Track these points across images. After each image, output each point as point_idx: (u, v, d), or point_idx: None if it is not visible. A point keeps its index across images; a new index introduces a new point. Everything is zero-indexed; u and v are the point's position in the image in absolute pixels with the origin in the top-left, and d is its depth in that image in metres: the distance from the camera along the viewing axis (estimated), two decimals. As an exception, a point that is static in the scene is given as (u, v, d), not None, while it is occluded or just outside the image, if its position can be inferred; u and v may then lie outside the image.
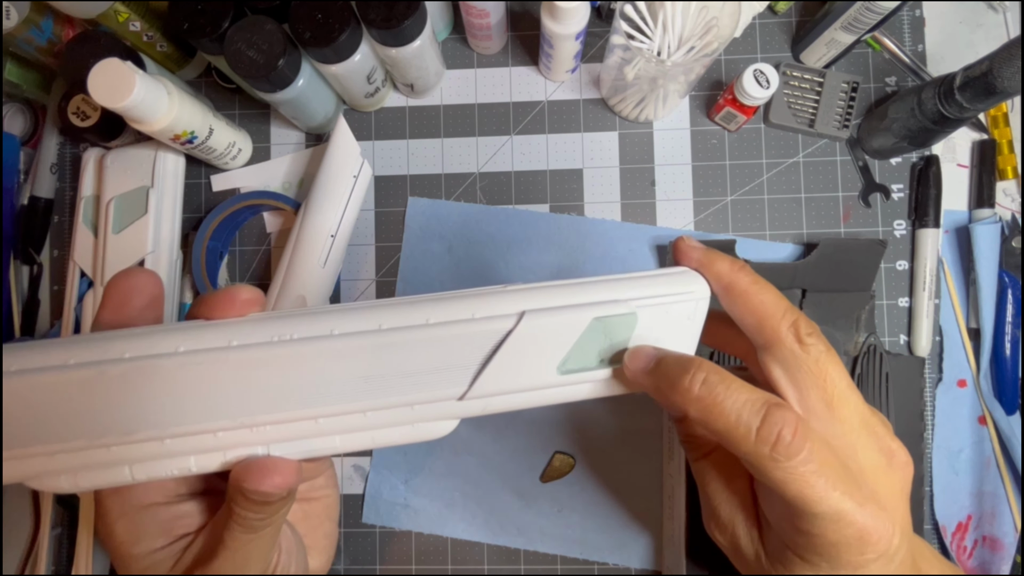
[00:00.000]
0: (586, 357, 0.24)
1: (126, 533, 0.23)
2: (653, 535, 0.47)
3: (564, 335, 0.24)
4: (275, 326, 0.22)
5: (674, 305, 0.25)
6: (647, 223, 0.50)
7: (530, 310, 0.24)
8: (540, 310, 0.24)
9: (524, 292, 0.24)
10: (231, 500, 0.22)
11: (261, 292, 0.24)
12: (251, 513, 0.22)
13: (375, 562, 0.48)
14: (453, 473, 0.49)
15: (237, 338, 0.22)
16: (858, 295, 0.46)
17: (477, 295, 0.24)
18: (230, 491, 0.23)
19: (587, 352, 0.24)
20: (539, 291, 0.24)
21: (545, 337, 0.24)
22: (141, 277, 0.24)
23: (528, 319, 0.23)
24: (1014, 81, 0.36)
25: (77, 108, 0.47)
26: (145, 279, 0.24)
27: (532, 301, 0.24)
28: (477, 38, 0.49)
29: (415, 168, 0.51)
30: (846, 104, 0.48)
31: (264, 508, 0.22)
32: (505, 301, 0.24)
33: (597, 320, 0.24)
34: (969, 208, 0.49)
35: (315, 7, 0.40)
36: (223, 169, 0.52)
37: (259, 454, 0.23)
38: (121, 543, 0.23)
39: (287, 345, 0.22)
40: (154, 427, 0.21)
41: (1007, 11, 0.51)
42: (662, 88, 0.44)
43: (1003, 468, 0.47)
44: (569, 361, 0.24)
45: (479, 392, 0.23)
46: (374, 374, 0.23)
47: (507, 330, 0.23)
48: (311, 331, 0.22)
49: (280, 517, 0.24)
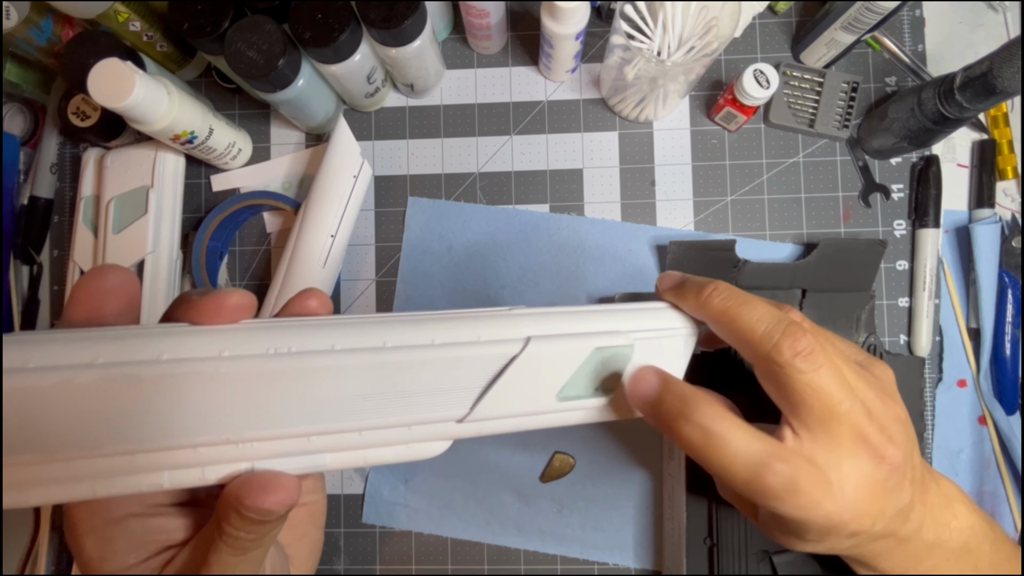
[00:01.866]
0: (584, 385, 0.25)
1: (95, 548, 0.21)
2: (653, 535, 0.47)
3: (567, 362, 0.24)
4: (272, 337, 0.21)
5: (667, 339, 0.27)
6: (647, 223, 0.50)
7: (536, 336, 0.24)
8: (545, 336, 0.24)
9: (529, 317, 0.24)
10: (222, 518, 0.21)
11: (253, 297, 0.21)
12: (243, 533, 0.21)
13: (375, 562, 0.48)
14: (453, 473, 0.49)
15: (229, 348, 0.20)
16: (858, 295, 0.46)
17: (483, 316, 0.24)
18: (221, 508, 0.21)
19: (585, 380, 0.25)
20: (544, 317, 0.24)
21: (549, 364, 0.24)
22: (118, 275, 0.21)
23: (534, 345, 0.24)
24: (1014, 81, 0.36)
25: (77, 108, 0.47)
26: (123, 278, 0.21)
27: (538, 327, 0.24)
28: (477, 38, 0.49)
29: (415, 168, 0.51)
30: (846, 104, 0.48)
31: (258, 528, 0.21)
32: (511, 325, 0.24)
33: (598, 350, 0.25)
34: (969, 208, 0.49)
35: (315, 7, 0.40)
36: (223, 169, 0.52)
37: (242, 469, 0.21)
38: (90, 559, 0.21)
39: (284, 359, 0.20)
40: (123, 441, 0.19)
41: (1007, 11, 0.51)
42: (662, 88, 0.44)
43: (1003, 468, 0.47)
44: (568, 388, 0.25)
45: (480, 415, 0.23)
46: (374, 393, 0.22)
47: (512, 355, 0.23)
48: (311, 345, 0.21)
49: (271, 539, 0.22)
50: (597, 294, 0.49)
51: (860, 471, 0.24)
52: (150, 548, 0.22)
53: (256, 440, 0.20)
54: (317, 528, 0.29)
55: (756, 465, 0.23)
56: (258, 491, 0.20)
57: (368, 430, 0.22)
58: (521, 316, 0.24)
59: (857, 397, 0.25)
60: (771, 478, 0.23)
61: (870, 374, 0.27)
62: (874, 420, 0.25)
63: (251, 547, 0.21)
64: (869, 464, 0.24)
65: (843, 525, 0.24)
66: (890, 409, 0.26)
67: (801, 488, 0.23)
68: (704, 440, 0.24)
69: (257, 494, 0.20)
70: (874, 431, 0.24)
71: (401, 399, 0.22)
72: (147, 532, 0.22)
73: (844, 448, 0.24)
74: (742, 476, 0.24)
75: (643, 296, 0.47)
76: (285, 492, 0.20)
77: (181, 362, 0.19)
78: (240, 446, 0.20)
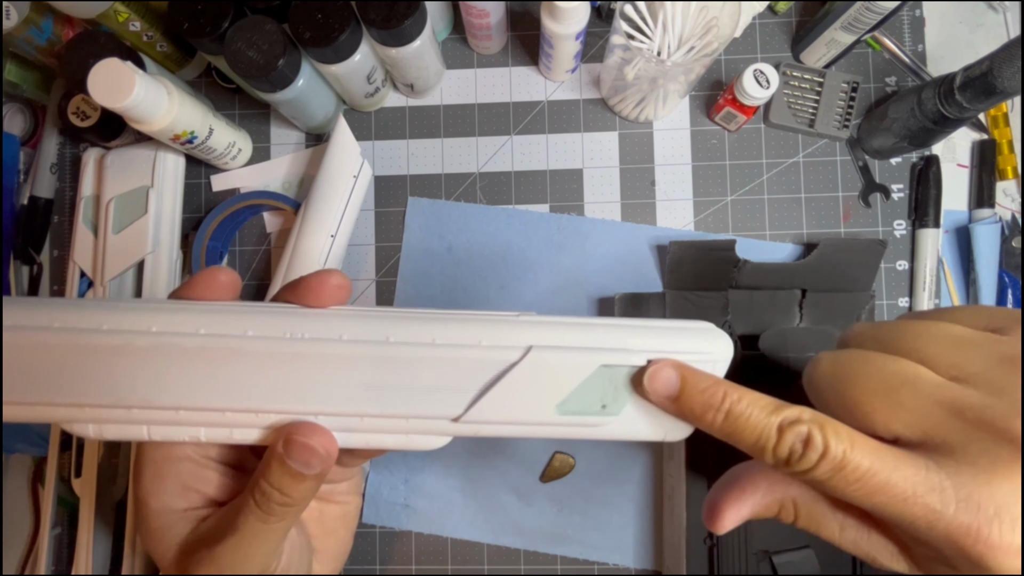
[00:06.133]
0: (588, 401, 0.24)
1: (151, 483, 0.24)
2: (653, 535, 0.47)
3: (568, 376, 0.24)
4: (289, 323, 0.23)
5: (696, 364, 0.24)
6: (647, 223, 0.50)
7: (537, 345, 0.23)
8: (547, 347, 0.23)
9: (535, 325, 0.24)
10: (261, 473, 0.23)
11: (348, 280, 0.25)
12: (276, 491, 0.22)
13: (375, 562, 0.48)
14: (453, 473, 0.49)
15: (253, 328, 0.23)
16: (858, 295, 0.46)
17: (488, 320, 0.24)
18: (264, 460, 0.23)
19: (590, 396, 0.24)
20: (550, 326, 0.24)
21: (548, 375, 0.24)
22: (227, 274, 0.25)
23: (534, 354, 0.23)
24: (1014, 81, 0.36)
25: (77, 108, 0.47)
26: (231, 277, 0.25)
27: (541, 336, 0.24)
28: (477, 38, 0.49)
29: (415, 168, 0.51)
30: (846, 104, 0.48)
31: (293, 486, 0.23)
32: (514, 331, 0.24)
33: (604, 367, 0.24)
34: (969, 208, 0.49)
35: (315, 7, 0.40)
36: (223, 169, 0.52)
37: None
38: (145, 493, 0.24)
39: (298, 343, 0.23)
40: (169, 400, 0.23)
41: (1007, 11, 0.51)
42: (662, 88, 0.44)
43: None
44: (570, 402, 0.24)
45: (474, 417, 0.23)
46: (375, 384, 0.23)
47: (511, 362, 0.23)
48: (321, 333, 0.23)
49: (297, 512, 0.24)
50: (597, 294, 0.49)
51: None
52: (192, 499, 0.25)
53: (272, 412, 0.23)
54: (348, 530, 0.30)
55: (775, 428, 0.21)
56: (308, 431, 0.22)
57: (369, 417, 0.23)
58: (527, 323, 0.24)
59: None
60: (784, 444, 0.21)
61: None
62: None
63: (278, 513, 0.23)
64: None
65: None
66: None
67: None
68: (730, 425, 0.22)
69: (307, 432, 0.22)
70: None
71: (400, 392, 0.23)
72: (196, 480, 0.25)
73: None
74: (763, 444, 0.22)
75: (643, 296, 0.47)
76: (328, 438, 0.23)
77: (215, 337, 0.23)
78: (259, 415, 0.23)
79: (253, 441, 0.24)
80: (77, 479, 0.46)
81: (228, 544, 0.23)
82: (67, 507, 0.48)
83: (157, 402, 0.23)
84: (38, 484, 0.50)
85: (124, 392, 0.23)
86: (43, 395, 0.22)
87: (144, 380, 0.23)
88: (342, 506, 0.29)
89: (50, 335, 0.22)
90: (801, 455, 0.21)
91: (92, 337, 0.22)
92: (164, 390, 0.23)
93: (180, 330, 0.23)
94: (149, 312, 0.23)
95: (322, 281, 0.24)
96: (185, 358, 0.23)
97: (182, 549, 0.24)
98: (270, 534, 0.23)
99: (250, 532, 0.23)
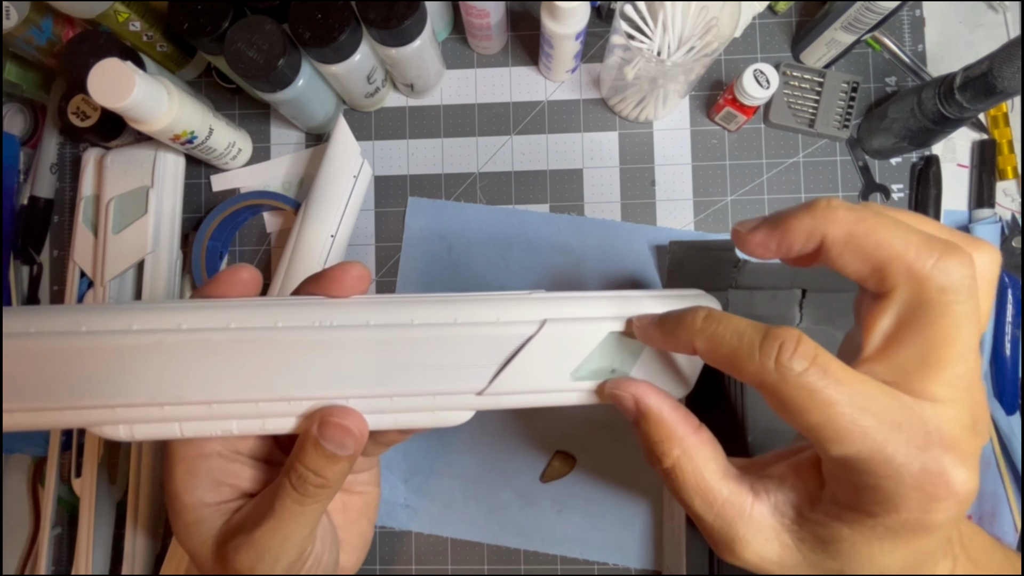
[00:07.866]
0: (599, 366, 0.26)
1: (182, 480, 0.25)
2: (653, 535, 0.47)
3: (580, 345, 0.26)
4: (317, 312, 0.24)
5: None
6: (647, 223, 0.50)
7: (551, 319, 0.25)
8: (560, 319, 0.25)
9: (547, 300, 0.26)
10: (296, 456, 0.23)
11: (368, 271, 0.25)
12: (312, 473, 0.23)
13: (375, 562, 0.48)
14: (453, 473, 0.49)
15: (283, 319, 0.24)
16: (858, 295, 0.46)
17: (504, 299, 0.26)
18: (298, 445, 0.24)
19: (600, 361, 0.26)
20: (561, 301, 0.26)
21: (562, 345, 0.25)
22: (250, 272, 0.25)
23: (548, 327, 0.25)
24: (1014, 81, 0.36)
25: (77, 108, 0.47)
26: (253, 274, 0.25)
27: (554, 310, 0.26)
28: (477, 38, 0.49)
29: (415, 168, 0.51)
30: (846, 104, 0.48)
31: (327, 467, 0.23)
32: (529, 308, 0.26)
33: (612, 334, 0.26)
34: (969, 208, 0.49)
35: (315, 7, 0.40)
36: (223, 169, 0.52)
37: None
38: (176, 491, 0.25)
39: (328, 331, 0.24)
40: (202, 394, 0.23)
41: (1007, 11, 0.51)
42: (662, 88, 0.44)
43: (1003, 468, 0.47)
44: (582, 368, 0.26)
45: (497, 389, 0.25)
46: (403, 364, 0.24)
47: (528, 335, 0.25)
48: (350, 320, 0.24)
49: (331, 493, 0.24)
50: (597, 294, 0.49)
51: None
52: (224, 493, 0.25)
53: (305, 399, 0.24)
54: (368, 521, 0.31)
55: (763, 327, 0.21)
56: (341, 413, 0.23)
57: (398, 396, 0.25)
58: (540, 299, 0.26)
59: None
60: (773, 340, 0.20)
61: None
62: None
63: (313, 495, 0.24)
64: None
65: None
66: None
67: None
68: (710, 324, 0.22)
69: (340, 414, 0.23)
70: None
71: (426, 370, 0.24)
72: (226, 474, 0.25)
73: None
74: (749, 343, 0.21)
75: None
76: (360, 420, 0.24)
77: (246, 330, 0.23)
78: (292, 403, 0.24)
79: (287, 430, 0.24)
80: (77, 479, 0.46)
81: (267, 527, 0.23)
82: (67, 507, 0.48)
83: (189, 397, 0.23)
84: (38, 484, 0.50)
85: (156, 389, 0.23)
86: (73, 399, 0.22)
87: (176, 376, 0.23)
88: (363, 496, 0.30)
89: (79, 339, 0.22)
90: (793, 352, 0.20)
91: (122, 338, 0.23)
92: (196, 385, 0.23)
93: (210, 325, 0.23)
94: (177, 311, 0.23)
95: (345, 272, 0.25)
96: (216, 352, 0.23)
97: (219, 540, 0.25)
98: (306, 516, 0.24)
99: (288, 514, 0.23)
